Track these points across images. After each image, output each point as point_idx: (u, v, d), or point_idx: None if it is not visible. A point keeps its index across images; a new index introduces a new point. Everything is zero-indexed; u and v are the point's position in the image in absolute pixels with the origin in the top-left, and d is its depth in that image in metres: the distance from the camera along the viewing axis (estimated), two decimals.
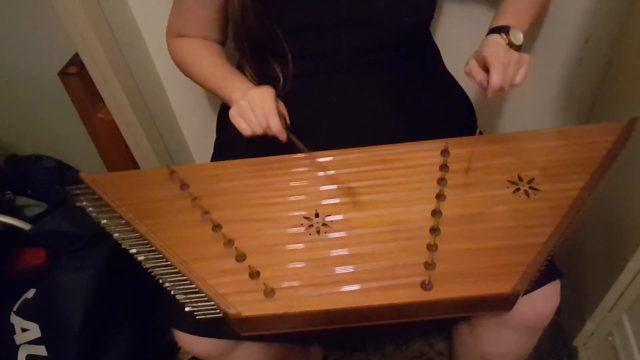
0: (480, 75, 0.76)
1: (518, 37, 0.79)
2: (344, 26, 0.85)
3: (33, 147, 1.56)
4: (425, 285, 0.63)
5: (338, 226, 0.72)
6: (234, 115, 0.79)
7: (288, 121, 0.83)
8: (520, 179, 0.74)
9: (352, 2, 0.83)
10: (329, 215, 0.73)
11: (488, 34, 0.82)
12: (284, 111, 0.84)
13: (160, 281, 0.68)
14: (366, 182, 0.77)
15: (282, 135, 0.78)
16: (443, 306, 0.64)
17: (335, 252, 0.69)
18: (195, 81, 0.94)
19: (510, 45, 0.79)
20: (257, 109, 0.77)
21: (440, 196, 0.73)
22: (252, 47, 0.89)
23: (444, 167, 0.77)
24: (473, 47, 0.82)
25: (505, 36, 0.79)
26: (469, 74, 0.78)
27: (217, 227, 0.73)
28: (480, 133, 0.85)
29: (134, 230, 0.74)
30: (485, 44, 0.80)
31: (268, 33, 0.84)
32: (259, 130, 0.77)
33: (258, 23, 0.83)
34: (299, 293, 0.65)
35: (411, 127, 0.88)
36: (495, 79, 0.73)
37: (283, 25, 0.84)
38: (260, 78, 0.91)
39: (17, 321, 1.10)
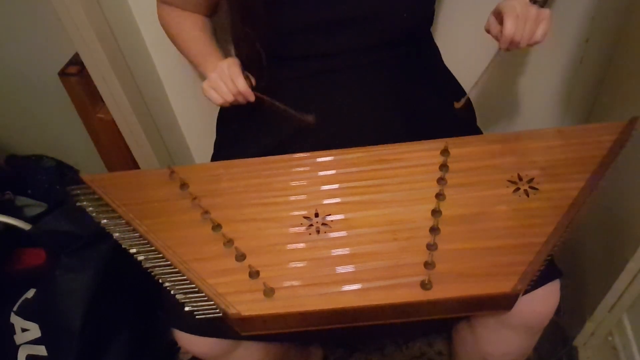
0: (496, 28, 0.76)
1: None
2: (342, 26, 0.85)
3: (33, 147, 1.56)
4: (425, 285, 0.63)
5: (338, 226, 0.72)
6: (205, 88, 0.84)
7: (253, 82, 0.87)
8: (520, 179, 0.74)
9: (350, 1, 0.83)
10: (329, 214, 0.73)
11: None
12: (250, 76, 0.88)
13: (160, 281, 0.68)
14: (366, 181, 0.77)
15: (250, 95, 0.83)
16: (443, 306, 0.64)
17: (335, 252, 0.69)
18: (179, 51, 0.96)
19: (535, 1, 0.76)
20: (225, 75, 0.82)
21: (440, 196, 0.73)
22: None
23: (443, 166, 0.77)
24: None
25: None
26: (487, 31, 0.78)
27: (217, 226, 0.73)
28: (469, 100, 0.83)
29: (134, 230, 0.74)
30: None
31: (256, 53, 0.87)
32: (229, 97, 0.82)
33: (248, 44, 0.87)
34: (298, 293, 0.65)
35: (411, 127, 0.88)
36: (509, 28, 0.72)
37: (282, 27, 0.84)
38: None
39: (17, 321, 1.10)
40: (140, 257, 0.71)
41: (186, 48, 0.94)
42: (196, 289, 0.66)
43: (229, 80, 0.82)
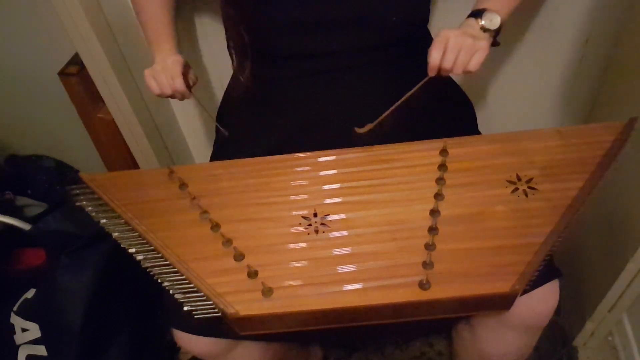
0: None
1: (494, 21, 0.80)
2: (334, 27, 0.84)
3: (33, 147, 1.56)
4: (423, 285, 0.63)
5: (336, 226, 0.72)
6: (147, 75, 0.88)
7: (192, 82, 0.92)
8: (519, 179, 0.74)
9: (345, 2, 0.83)
10: (328, 214, 0.73)
11: (467, 17, 0.83)
12: (193, 76, 0.93)
13: (159, 280, 0.68)
14: (365, 181, 0.77)
15: (186, 94, 0.88)
16: (441, 306, 0.64)
17: (334, 252, 0.69)
18: (138, 21, 0.98)
19: (485, 29, 0.80)
20: (167, 71, 0.86)
21: (438, 196, 0.73)
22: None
23: (442, 166, 0.77)
24: None
25: (479, 20, 0.80)
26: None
27: (215, 226, 0.73)
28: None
29: (133, 230, 0.74)
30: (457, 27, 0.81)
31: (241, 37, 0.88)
32: (167, 90, 0.87)
33: (234, 27, 0.89)
34: (297, 292, 0.65)
35: (410, 127, 0.88)
36: (432, 58, 0.77)
37: (272, 24, 0.84)
38: (253, 78, 0.92)
39: (17, 321, 1.10)
40: (140, 257, 0.71)
41: (144, 24, 0.95)
42: (195, 289, 0.66)
43: (169, 76, 0.86)
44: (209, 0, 1.07)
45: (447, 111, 0.95)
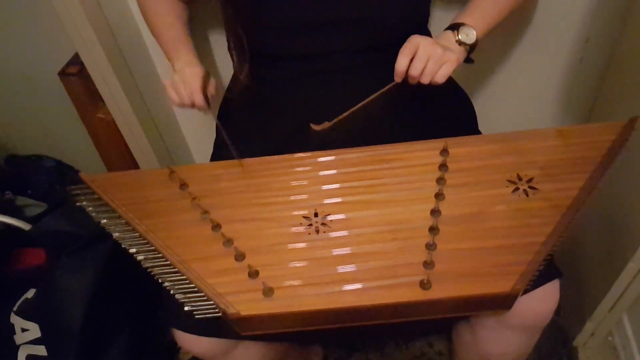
0: None
1: (470, 36, 0.82)
2: (338, 26, 0.85)
3: (33, 147, 1.56)
4: (424, 285, 0.63)
5: (337, 225, 0.72)
6: (167, 87, 0.87)
7: (210, 93, 0.90)
8: (520, 179, 0.74)
9: (344, 2, 0.83)
10: (329, 214, 0.73)
11: (444, 30, 0.85)
12: (212, 89, 0.90)
13: (160, 281, 0.68)
14: (366, 181, 0.77)
15: (204, 110, 0.88)
16: (442, 305, 0.64)
17: (335, 252, 0.69)
18: (152, 34, 0.97)
19: (460, 43, 0.82)
20: (187, 84, 0.85)
21: (439, 195, 0.73)
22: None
23: (443, 166, 0.77)
24: None
25: (456, 33, 0.82)
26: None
27: (216, 226, 0.73)
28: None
29: (134, 230, 0.74)
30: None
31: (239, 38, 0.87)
32: (187, 103, 0.86)
33: (232, 28, 0.88)
34: (297, 292, 0.65)
35: (410, 127, 0.88)
36: (398, 63, 0.77)
37: (270, 24, 0.84)
38: (253, 78, 0.92)
39: (17, 321, 1.10)
40: (140, 257, 0.71)
41: (159, 33, 0.94)
42: (195, 289, 0.66)
43: (189, 90, 0.85)
44: (210, 0, 1.06)
45: (447, 111, 0.95)
